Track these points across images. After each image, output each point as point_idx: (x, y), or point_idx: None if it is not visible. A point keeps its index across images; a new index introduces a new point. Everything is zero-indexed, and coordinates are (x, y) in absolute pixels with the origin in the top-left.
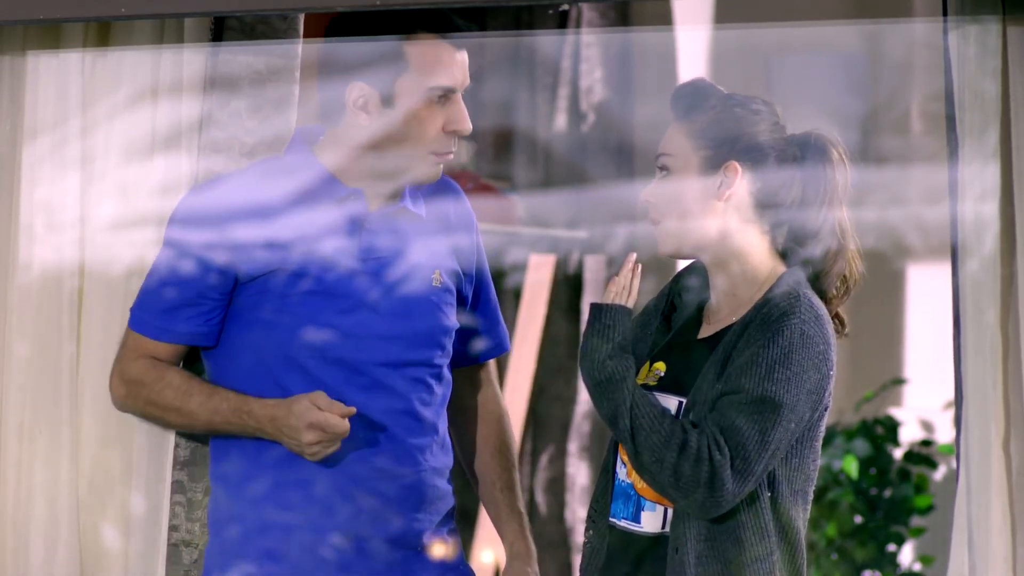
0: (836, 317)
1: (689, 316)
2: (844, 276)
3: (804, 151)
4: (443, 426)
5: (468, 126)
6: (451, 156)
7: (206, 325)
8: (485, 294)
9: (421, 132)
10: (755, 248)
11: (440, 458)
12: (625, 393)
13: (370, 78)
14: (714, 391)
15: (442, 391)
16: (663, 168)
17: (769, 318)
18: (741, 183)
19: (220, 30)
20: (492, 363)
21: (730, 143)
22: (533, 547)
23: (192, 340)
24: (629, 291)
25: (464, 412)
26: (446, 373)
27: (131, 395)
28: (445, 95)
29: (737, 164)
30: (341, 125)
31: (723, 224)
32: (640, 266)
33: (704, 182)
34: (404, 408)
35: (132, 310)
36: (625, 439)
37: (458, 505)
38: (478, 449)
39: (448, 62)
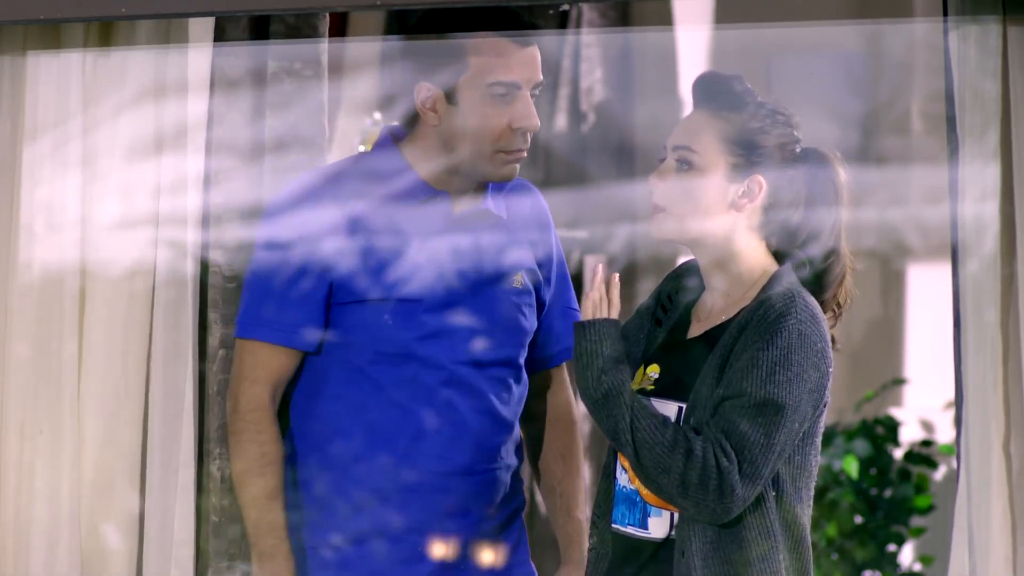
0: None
1: (679, 317)
2: (837, 300)
3: (811, 165)
4: (517, 425)
5: (535, 122)
6: (523, 154)
7: (320, 330)
8: (563, 296)
9: (487, 130)
10: (753, 250)
11: (514, 456)
12: (623, 408)
13: (434, 78)
14: (714, 395)
15: (519, 391)
16: (685, 162)
17: (766, 319)
18: (760, 195)
19: (265, 30)
20: (565, 367)
21: (758, 154)
22: (585, 555)
23: (314, 346)
24: (608, 302)
25: (536, 413)
26: (523, 374)
27: (232, 420)
28: (508, 92)
29: (762, 179)
30: (417, 125)
31: (730, 227)
32: (616, 275)
33: (726, 188)
34: (484, 407)
35: (247, 320)
36: (629, 454)
37: None
38: (544, 450)
39: (509, 58)
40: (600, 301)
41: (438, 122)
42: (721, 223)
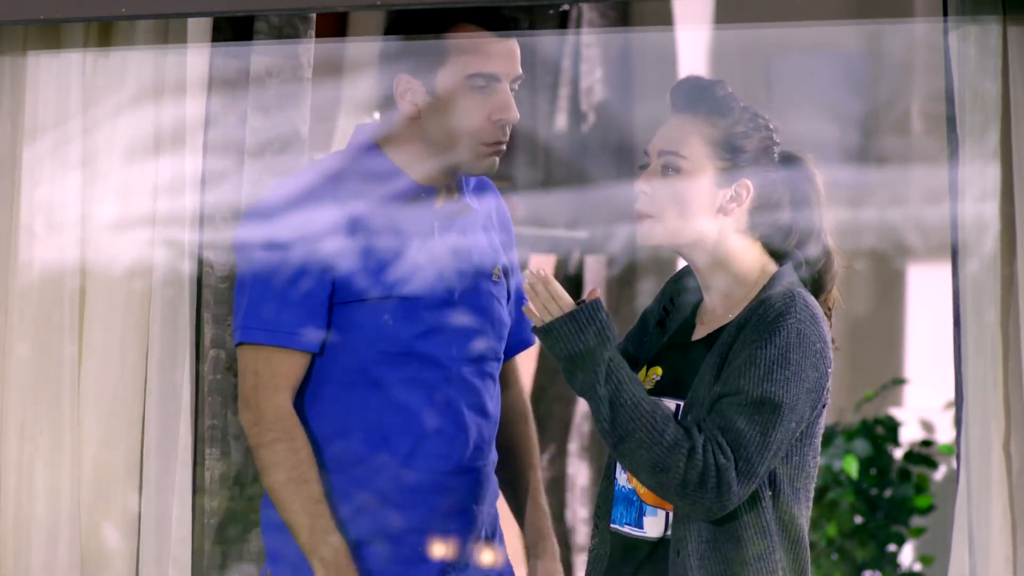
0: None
1: (684, 319)
2: (828, 305)
3: (794, 168)
4: None
5: (514, 114)
6: (502, 147)
7: (324, 331)
8: (517, 289)
9: (467, 122)
10: (746, 251)
11: (495, 451)
12: (600, 405)
13: (414, 71)
14: (712, 392)
15: (499, 385)
16: (672, 168)
17: (765, 318)
18: (747, 199)
19: (249, 30)
20: (517, 360)
21: (744, 158)
22: (556, 545)
23: (320, 348)
24: (555, 298)
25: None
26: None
27: (256, 431)
28: (487, 84)
29: (749, 183)
30: (397, 119)
31: (718, 230)
32: (542, 269)
33: (714, 192)
34: (478, 403)
35: (256, 325)
36: (609, 446)
37: None
38: (504, 446)
39: (488, 50)
40: (547, 303)
41: (418, 115)
42: (709, 227)
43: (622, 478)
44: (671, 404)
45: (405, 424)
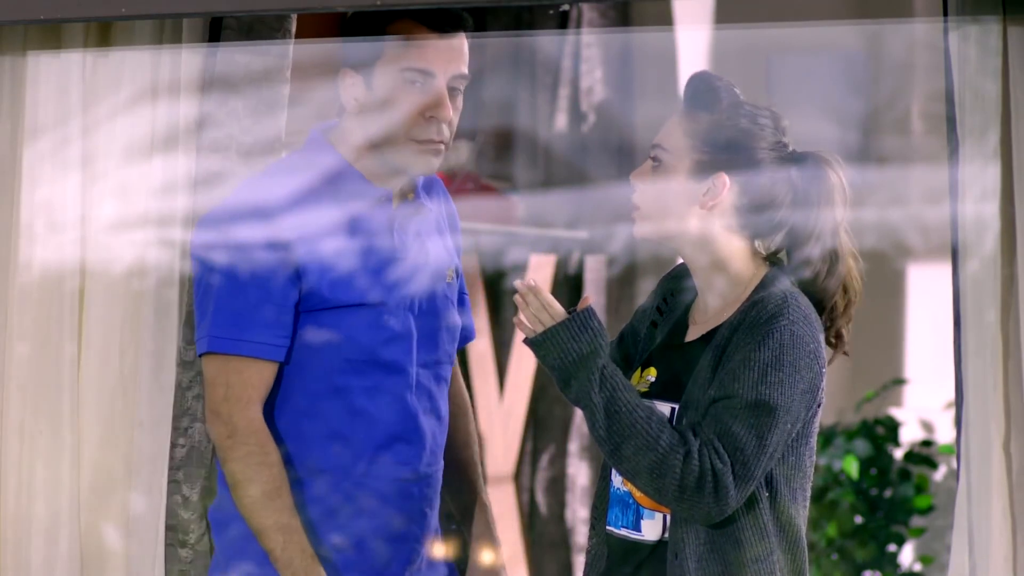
0: (838, 335)
1: (677, 319)
2: (845, 290)
3: (801, 168)
4: None
5: (445, 112)
6: (439, 146)
7: (291, 339)
8: (461, 289)
9: (396, 115)
10: (736, 252)
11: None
12: (596, 414)
13: (357, 65)
14: (707, 396)
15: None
16: (655, 159)
17: (758, 320)
18: (728, 195)
19: (217, 29)
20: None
21: (726, 153)
22: (499, 540)
23: (287, 357)
24: (546, 308)
25: None
26: None
27: (228, 445)
28: (421, 79)
29: (726, 177)
30: (345, 116)
31: (704, 227)
32: (531, 280)
33: (690, 185)
34: (433, 407)
35: (225, 335)
36: (606, 455)
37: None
38: (446, 441)
39: (426, 46)
40: (539, 311)
41: (358, 109)
42: (692, 222)
43: (617, 480)
44: (666, 407)
45: (368, 432)
